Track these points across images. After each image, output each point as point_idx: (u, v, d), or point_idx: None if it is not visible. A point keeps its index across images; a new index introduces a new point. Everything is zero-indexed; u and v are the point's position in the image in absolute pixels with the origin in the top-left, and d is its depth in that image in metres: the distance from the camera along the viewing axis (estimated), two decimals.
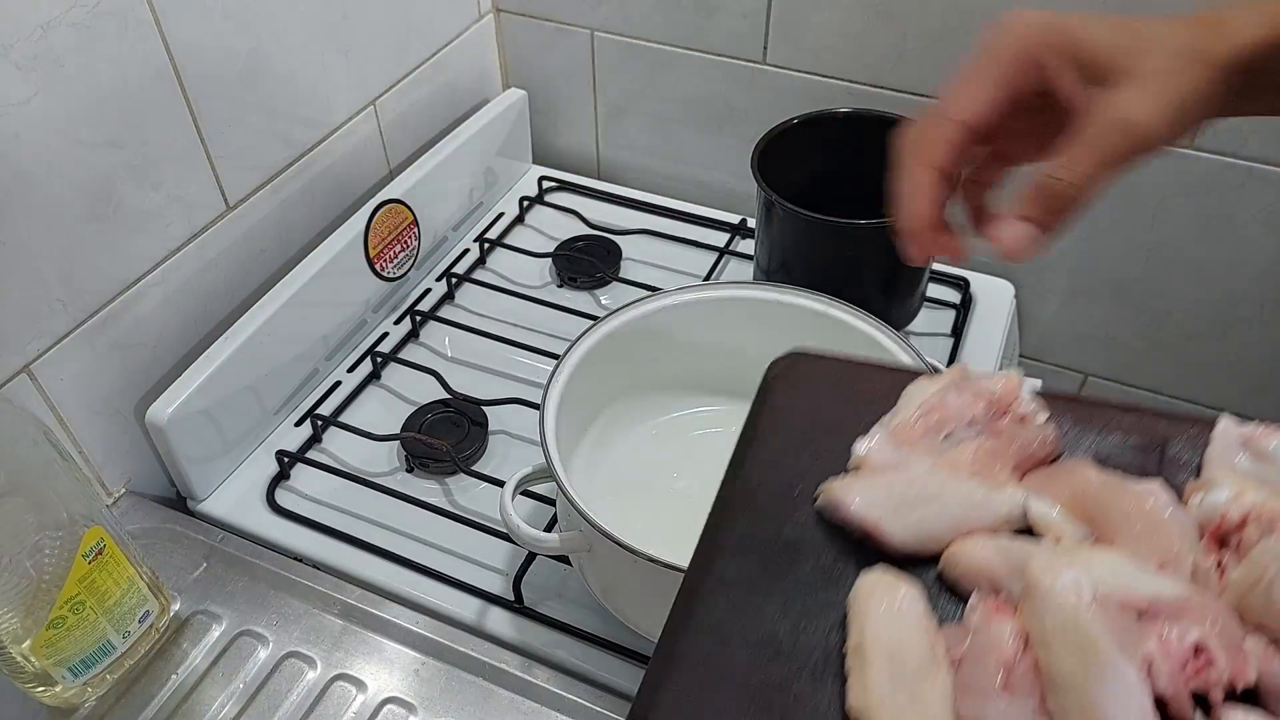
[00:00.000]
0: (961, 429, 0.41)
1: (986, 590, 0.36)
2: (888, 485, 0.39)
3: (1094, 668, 0.32)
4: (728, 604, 0.37)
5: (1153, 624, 0.33)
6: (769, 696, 0.35)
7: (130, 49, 0.65)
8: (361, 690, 0.62)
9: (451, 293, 0.92)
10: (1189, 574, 0.35)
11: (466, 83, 1.01)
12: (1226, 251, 0.86)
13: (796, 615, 0.37)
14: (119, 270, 0.69)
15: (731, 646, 0.36)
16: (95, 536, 0.57)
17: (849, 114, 0.81)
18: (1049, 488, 0.39)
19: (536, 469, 0.62)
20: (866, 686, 0.34)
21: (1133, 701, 0.31)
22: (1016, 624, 0.34)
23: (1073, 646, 0.32)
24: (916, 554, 0.38)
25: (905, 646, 0.35)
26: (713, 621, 0.37)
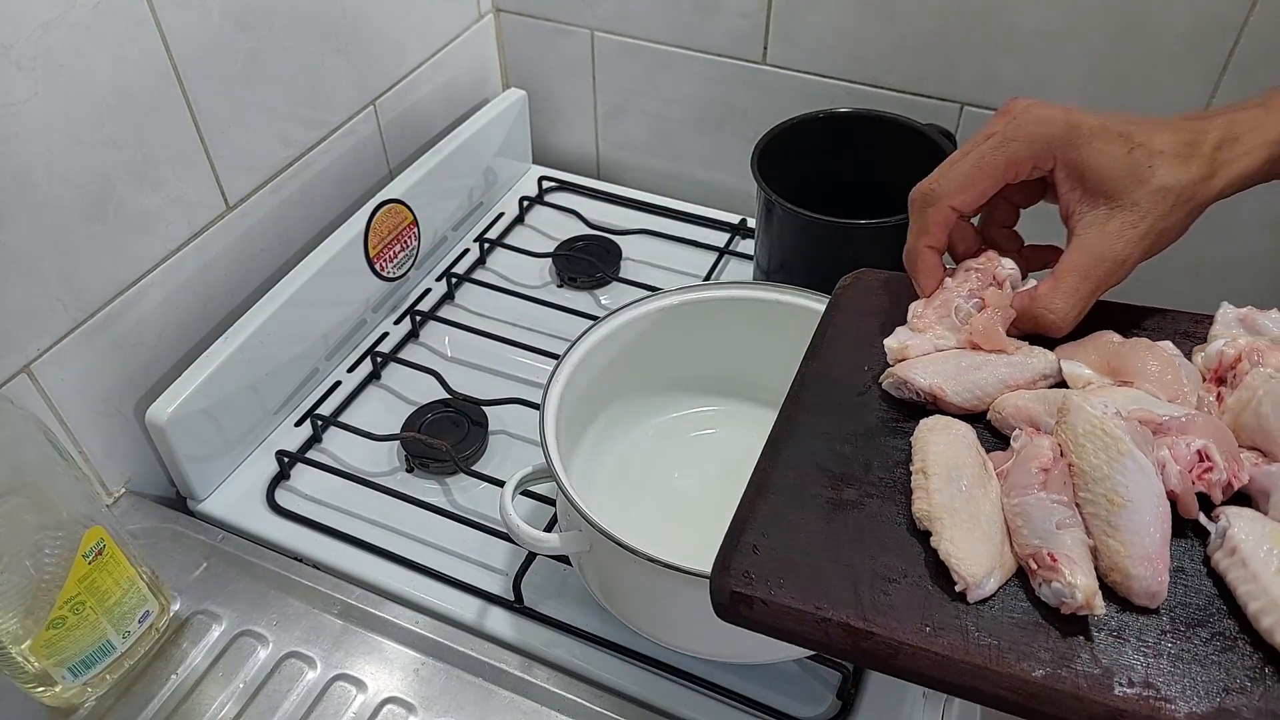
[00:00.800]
0: (963, 302, 0.50)
1: (1026, 426, 0.44)
2: (943, 359, 0.48)
3: (1117, 460, 0.39)
4: (809, 446, 0.46)
5: (1164, 437, 0.40)
6: (845, 510, 0.43)
7: (130, 49, 0.65)
8: (361, 690, 0.62)
9: (451, 293, 0.92)
10: (1194, 405, 0.43)
11: (466, 83, 1.01)
12: (1224, 249, 0.86)
13: (867, 454, 0.45)
14: (119, 270, 0.69)
15: (812, 476, 0.44)
16: (95, 536, 0.57)
17: (849, 114, 0.81)
18: (1078, 353, 0.47)
19: (536, 469, 0.62)
20: (929, 495, 0.42)
21: (1149, 485, 0.39)
22: (1052, 440, 0.42)
23: (1100, 445, 0.40)
24: (969, 411, 0.46)
25: (961, 464, 0.43)
26: (796, 459, 0.45)
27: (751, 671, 0.63)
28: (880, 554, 0.41)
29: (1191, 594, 0.38)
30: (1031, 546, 0.39)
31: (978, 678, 0.37)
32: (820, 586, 0.40)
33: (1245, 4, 0.73)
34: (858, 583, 0.40)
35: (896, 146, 0.79)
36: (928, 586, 0.40)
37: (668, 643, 0.62)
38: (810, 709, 0.62)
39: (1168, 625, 0.37)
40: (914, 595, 0.39)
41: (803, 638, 0.40)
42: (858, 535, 0.42)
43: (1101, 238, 0.45)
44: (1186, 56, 0.77)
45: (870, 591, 0.40)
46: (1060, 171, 0.46)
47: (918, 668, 0.37)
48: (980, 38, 0.83)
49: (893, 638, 0.38)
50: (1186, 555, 0.40)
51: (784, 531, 0.42)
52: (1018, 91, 0.83)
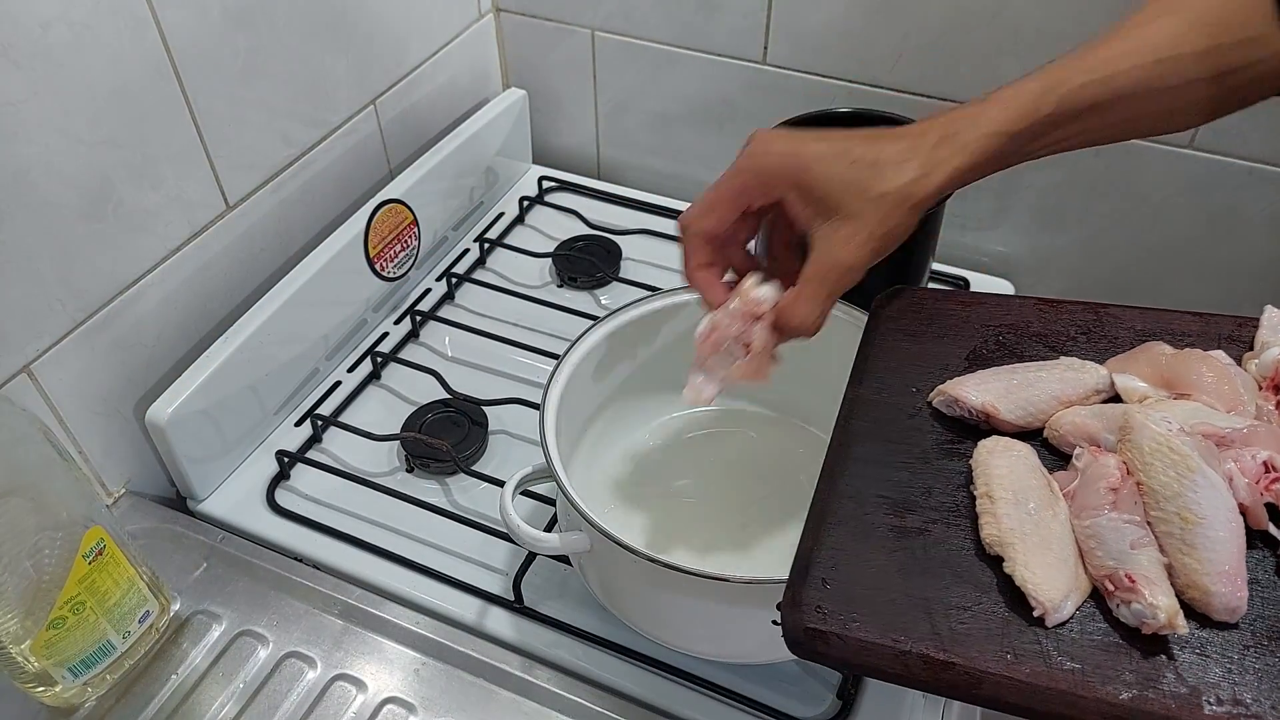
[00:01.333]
0: (733, 344, 0.55)
1: (1087, 444, 0.44)
2: (993, 376, 0.48)
3: (1187, 477, 0.39)
4: (865, 475, 0.45)
5: (1228, 450, 0.40)
6: (910, 537, 0.42)
7: (129, 48, 0.65)
8: (361, 690, 0.62)
9: (451, 293, 0.92)
10: (1253, 415, 0.43)
11: (466, 82, 1.01)
12: (1227, 251, 0.86)
13: (925, 479, 0.45)
14: (118, 270, 0.69)
15: (872, 504, 0.44)
16: (95, 537, 0.57)
17: (849, 114, 0.81)
18: (1130, 365, 0.47)
19: (536, 469, 0.62)
20: (998, 520, 0.41)
21: (1221, 500, 0.39)
22: (1118, 458, 0.41)
23: (1168, 463, 0.39)
24: (1023, 428, 0.46)
25: (1026, 487, 0.42)
26: (854, 488, 0.45)
27: (751, 671, 0.63)
28: (951, 582, 0.41)
29: (1269, 606, 0.38)
30: (1107, 568, 0.39)
31: (1065, 704, 0.36)
32: (895, 618, 0.40)
33: None
34: (932, 613, 0.39)
35: None
36: (1003, 613, 0.39)
37: (668, 643, 0.62)
38: (810, 709, 0.62)
39: (1249, 640, 0.37)
40: (990, 623, 0.39)
41: (882, 671, 0.39)
42: (925, 563, 0.41)
43: (830, 247, 0.50)
44: None
45: (946, 621, 0.39)
46: (790, 194, 0.51)
47: (1001, 696, 0.37)
48: (981, 38, 0.83)
49: (974, 667, 0.37)
50: (1259, 567, 0.39)
51: (851, 563, 0.42)
52: None
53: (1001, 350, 0.51)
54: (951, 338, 0.52)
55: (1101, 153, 0.84)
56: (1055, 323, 0.52)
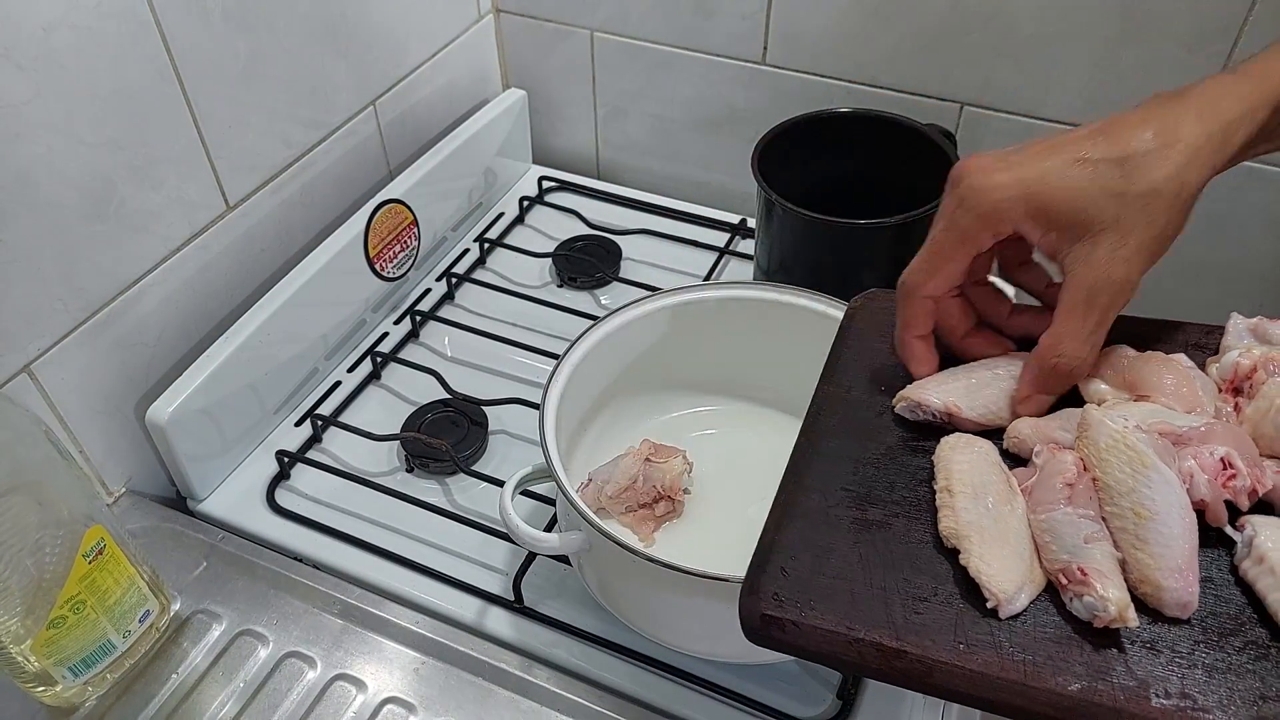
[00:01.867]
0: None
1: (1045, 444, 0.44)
2: (952, 377, 0.48)
3: (1141, 473, 0.39)
4: (831, 469, 0.46)
5: (1186, 448, 0.41)
6: (872, 530, 0.43)
7: (131, 50, 0.65)
8: (361, 690, 0.62)
9: (451, 293, 0.92)
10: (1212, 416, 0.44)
11: (466, 83, 1.01)
12: (1226, 252, 0.86)
13: (889, 475, 0.46)
14: (119, 270, 0.69)
15: (836, 497, 0.45)
16: (96, 536, 0.57)
17: (849, 114, 0.81)
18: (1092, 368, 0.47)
19: (536, 469, 0.62)
20: (956, 513, 0.42)
21: (1175, 497, 0.39)
22: (1075, 455, 0.42)
23: (1124, 460, 0.40)
24: (986, 427, 0.47)
25: (985, 482, 0.43)
26: (819, 481, 0.46)
27: (751, 671, 0.63)
28: (909, 573, 0.41)
29: (1221, 603, 0.39)
30: (1061, 561, 0.39)
31: (1014, 694, 0.37)
32: (851, 607, 0.40)
33: (1245, 4, 0.73)
34: (889, 602, 0.40)
35: (896, 146, 0.79)
36: (959, 604, 0.40)
37: (667, 642, 0.62)
38: (810, 709, 0.62)
39: (1200, 635, 0.38)
40: (945, 613, 0.39)
41: (835, 659, 0.40)
42: (886, 555, 0.42)
43: (1091, 268, 0.43)
44: (1186, 58, 0.77)
45: (902, 611, 0.40)
46: (1025, 225, 0.44)
47: (953, 685, 0.38)
48: (980, 39, 0.83)
49: (926, 656, 0.38)
50: (1214, 565, 0.40)
51: (811, 553, 0.43)
52: (1017, 92, 0.84)
53: None
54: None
55: None
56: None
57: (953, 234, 0.46)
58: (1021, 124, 0.85)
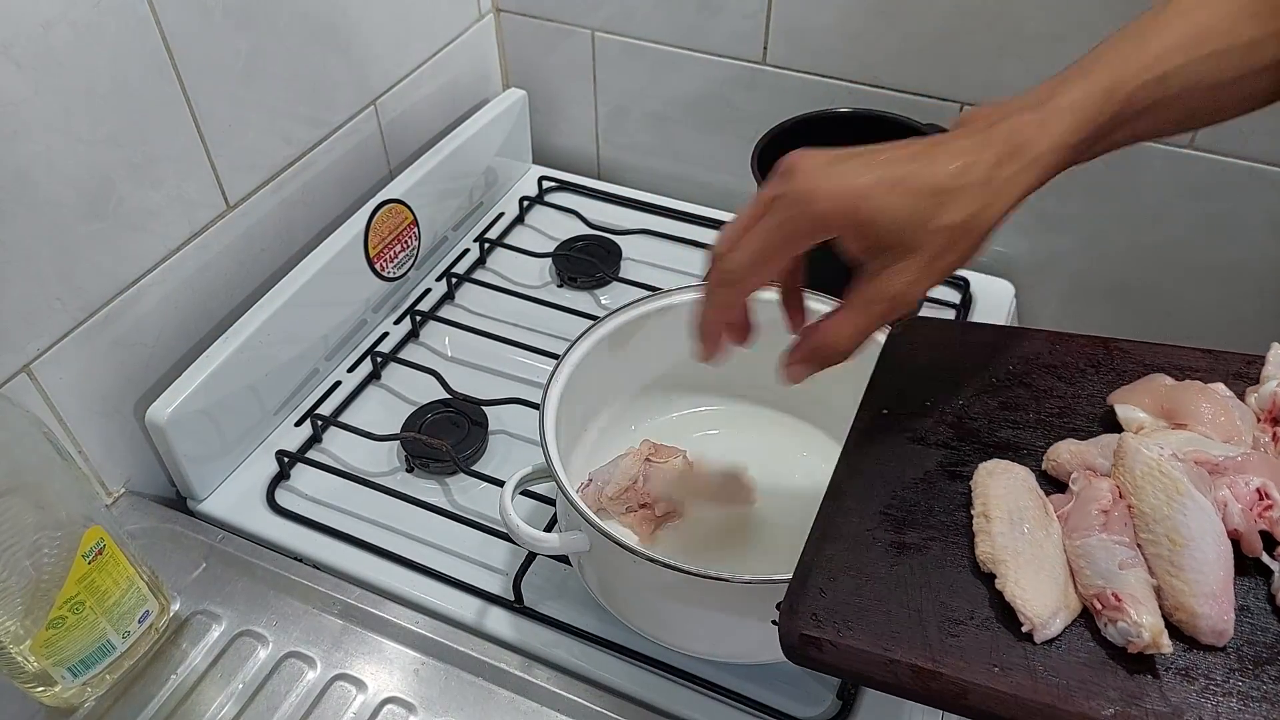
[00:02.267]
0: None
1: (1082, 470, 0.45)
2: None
3: (1176, 500, 0.40)
4: (870, 492, 0.47)
5: (1221, 478, 0.41)
6: (909, 554, 0.44)
7: (131, 48, 0.65)
8: (361, 690, 0.62)
9: (451, 293, 0.92)
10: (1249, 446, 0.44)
11: (466, 83, 1.01)
12: (1227, 252, 0.86)
13: (928, 499, 0.46)
14: (119, 269, 0.69)
15: (875, 520, 0.46)
16: (95, 536, 0.57)
17: (849, 113, 0.81)
18: (1130, 396, 0.48)
19: (536, 469, 0.62)
20: (993, 538, 0.42)
21: (1210, 524, 0.39)
22: (1111, 482, 0.43)
23: (1159, 487, 0.40)
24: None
25: (1022, 507, 0.43)
26: (858, 505, 0.46)
27: (751, 671, 0.63)
28: (946, 596, 0.42)
29: (1258, 632, 0.39)
30: (1096, 587, 0.40)
31: (1047, 716, 0.37)
32: (888, 628, 0.41)
33: None
34: (924, 624, 0.40)
35: None
36: (994, 628, 0.40)
37: (667, 643, 0.62)
38: (810, 709, 0.62)
39: (1235, 664, 0.38)
40: (981, 636, 0.40)
41: (871, 679, 0.41)
42: (922, 578, 0.42)
43: (883, 281, 0.46)
44: None
45: (937, 633, 0.40)
46: (844, 234, 0.47)
47: (987, 707, 0.38)
48: (981, 38, 0.83)
49: (961, 678, 0.38)
50: (1251, 594, 0.40)
51: (850, 575, 0.43)
52: (1018, 92, 0.83)
53: (1011, 379, 0.52)
54: (961, 365, 0.53)
55: None
56: (1065, 355, 0.52)
57: (782, 233, 0.48)
58: None
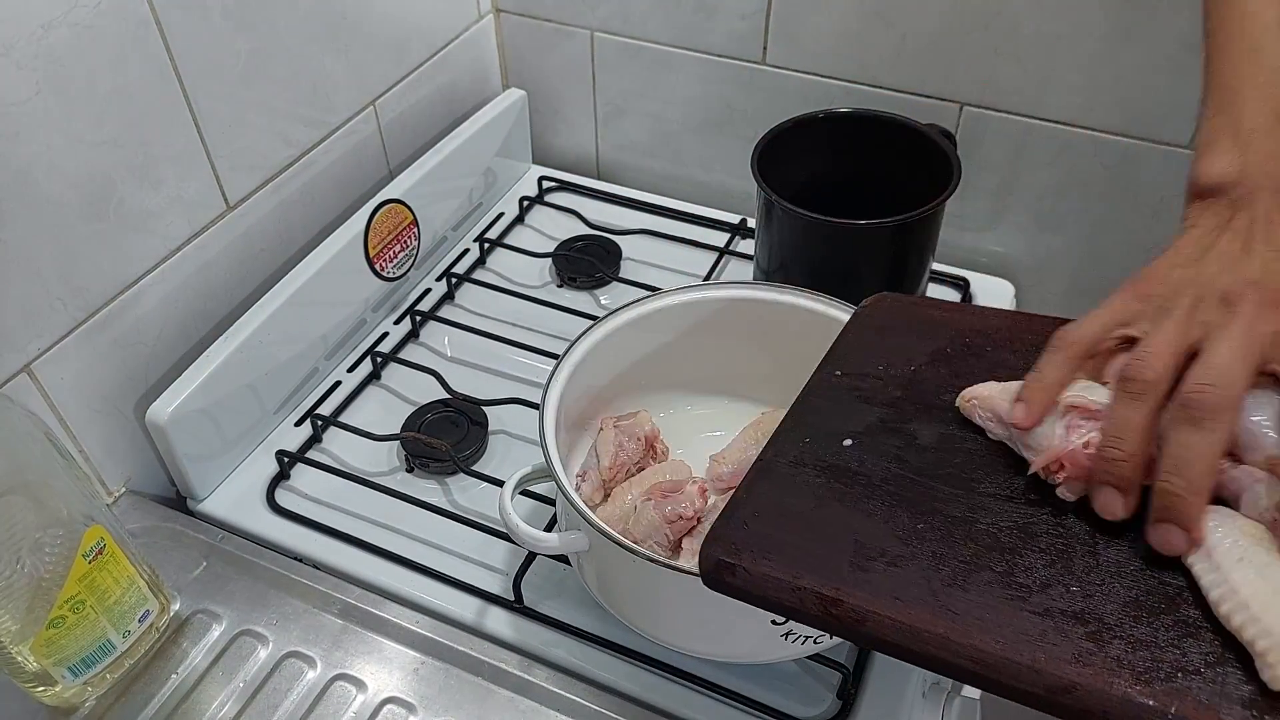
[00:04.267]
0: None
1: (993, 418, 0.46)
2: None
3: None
4: (811, 439, 0.50)
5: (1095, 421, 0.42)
6: (835, 498, 0.46)
7: (131, 49, 0.65)
8: (361, 690, 0.62)
9: (451, 293, 0.92)
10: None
11: (466, 83, 1.01)
12: None
13: (861, 452, 0.48)
14: (119, 269, 0.69)
15: (811, 467, 0.48)
16: (95, 536, 0.57)
17: (849, 114, 0.81)
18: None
19: (536, 469, 0.62)
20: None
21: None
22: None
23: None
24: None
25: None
26: (795, 452, 0.49)
27: (751, 671, 0.63)
28: (863, 537, 0.44)
29: (1162, 585, 0.40)
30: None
31: (941, 646, 0.39)
32: (801, 561, 0.43)
33: None
34: (838, 559, 0.43)
35: (896, 146, 0.79)
36: (905, 566, 0.42)
37: (667, 642, 0.62)
38: (810, 709, 0.62)
39: (1133, 612, 0.39)
40: (889, 573, 0.42)
41: (780, 604, 0.43)
42: (845, 520, 0.45)
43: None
44: (1186, 58, 0.77)
45: (849, 568, 0.42)
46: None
47: (882, 635, 0.40)
48: (980, 39, 0.83)
49: (861, 606, 0.41)
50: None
51: (776, 512, 0.46)
52: (1017, 92, 0.84)
53: (966, 350, 0.53)
54: (920, 335, 0.54)
55: (1101, 152, 0.84)
56: (1024, 332, 0.53)
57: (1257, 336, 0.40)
58: (1021, 124, 0.86)
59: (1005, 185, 0.90)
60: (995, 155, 0.88)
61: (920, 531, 0.43)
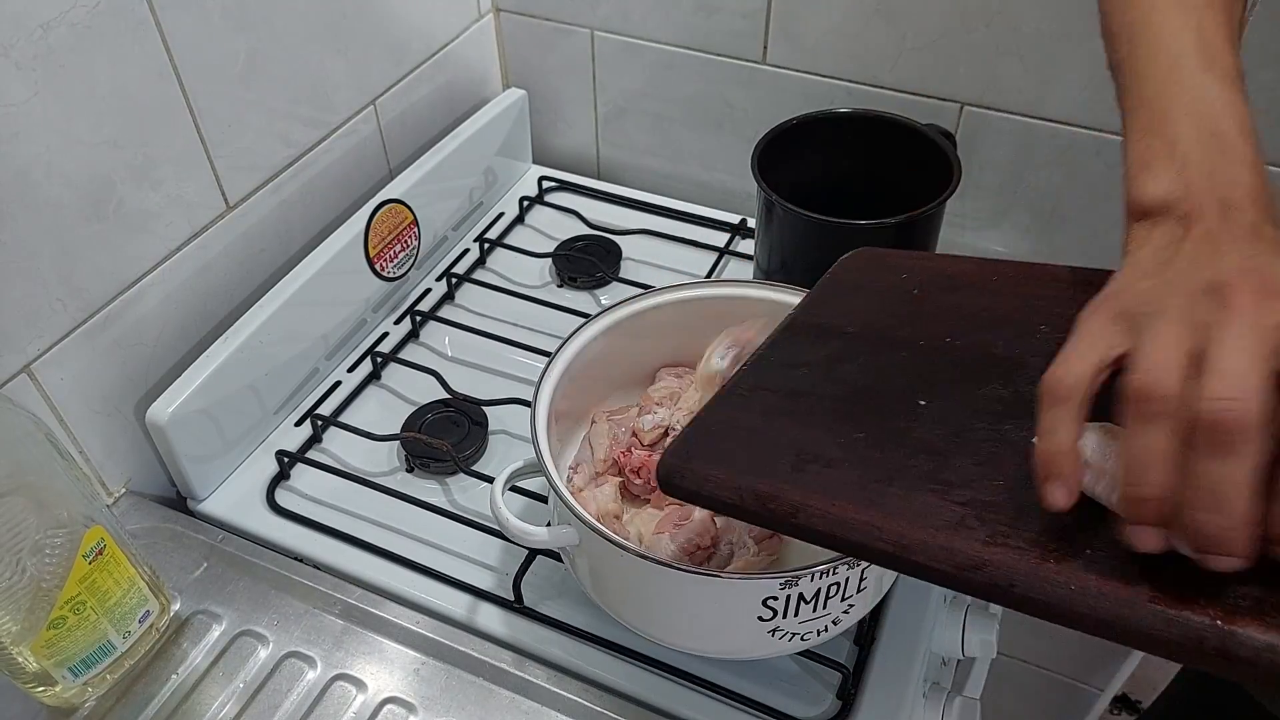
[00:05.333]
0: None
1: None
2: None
3: None
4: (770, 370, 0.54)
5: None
6: (787, 415, 0.50)
7: (130, 49, 0.65)
8: (361, 690, 0.62)
9: (451, 293, 0.92)
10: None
11: (466, 83, 1.01)
12: None
13: (814, 377, 0.52)
14: (119, 270, 0.69)
15: (771, 392, 0.52)
16: (96, 536, 0.57)
17: (849, 114, 0.81)
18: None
19: (527, 463, 0.62)
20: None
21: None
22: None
23: None
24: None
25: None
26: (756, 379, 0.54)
27: (751, 671, 0.63)
28: (804, 446, 0.47)
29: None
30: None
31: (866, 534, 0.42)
32: (745, 465, 0.47)
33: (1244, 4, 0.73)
34: (777, 464, 0.46)
35: (896, 146, 0.79)
36: (840, 467, 0.45)
37: (657, 638, 0.62)
38: (810, 709, 0.62)
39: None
40: (824, 473, 0.45)
41: (722, 502, 0.46)
42: (790, 434, 0.48)
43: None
44: None
45: (787, 469, 0.46)
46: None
47: (811, 524, 0.43)
48: (981, 38, 0.83)
49: (793, 499, 0.44)
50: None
51: (729, 427, 0.51)
52: (1018, 92, 0.84)
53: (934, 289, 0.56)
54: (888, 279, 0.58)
55: (1102, 152, 0.84)
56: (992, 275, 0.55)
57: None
58: (1021, 124, 0.85)
59: (1006, 185, 0.90)
60: (996, 155, 0.88)
61: (857, 440, 0.46)
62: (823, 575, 0.53)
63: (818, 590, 0.54)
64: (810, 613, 0.55)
